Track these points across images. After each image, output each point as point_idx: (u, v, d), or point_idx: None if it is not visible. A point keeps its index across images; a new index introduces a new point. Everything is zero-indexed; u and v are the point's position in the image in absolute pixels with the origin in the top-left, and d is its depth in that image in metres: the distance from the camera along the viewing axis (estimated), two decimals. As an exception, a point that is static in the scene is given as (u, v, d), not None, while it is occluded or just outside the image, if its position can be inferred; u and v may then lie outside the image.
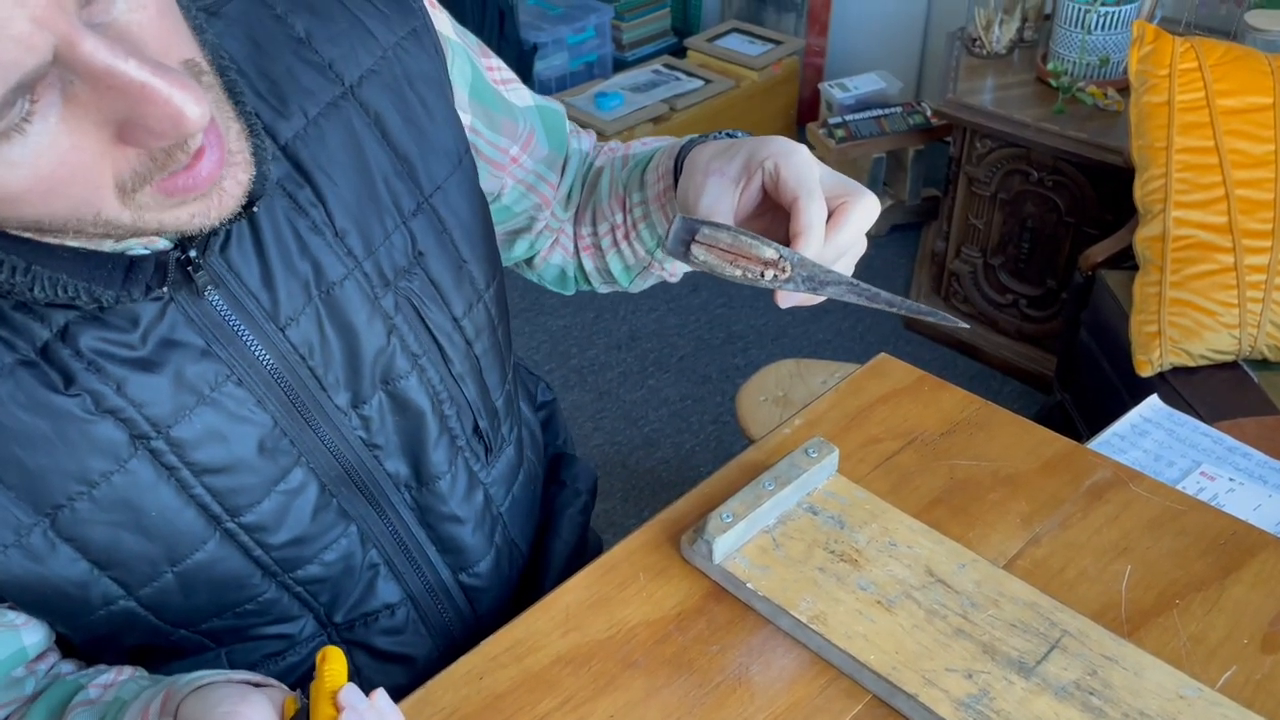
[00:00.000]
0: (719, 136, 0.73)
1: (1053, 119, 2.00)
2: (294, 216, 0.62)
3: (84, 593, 0.61)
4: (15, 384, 0.55)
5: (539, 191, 0.83)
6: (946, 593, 0.70)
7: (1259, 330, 1.50)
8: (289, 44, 0.63)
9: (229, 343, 0.61)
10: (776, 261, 0.60)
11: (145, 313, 0.58)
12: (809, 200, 0.61)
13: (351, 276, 0.64)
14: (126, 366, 0.57)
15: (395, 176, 0.66)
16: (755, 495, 0.74)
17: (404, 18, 0.67)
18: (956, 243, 2.29)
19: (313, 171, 0.63)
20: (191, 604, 0.66)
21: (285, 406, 0.64)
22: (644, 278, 0.86)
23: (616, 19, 3.21)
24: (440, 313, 0.70)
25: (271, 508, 0.65)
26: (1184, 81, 1.57)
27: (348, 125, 0.64)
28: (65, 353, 0.56)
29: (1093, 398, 1.85)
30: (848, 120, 2.57)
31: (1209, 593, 0.72)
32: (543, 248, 0.88)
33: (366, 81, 0.65)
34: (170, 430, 0.59)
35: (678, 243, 0.62)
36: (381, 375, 0.68)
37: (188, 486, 0.61)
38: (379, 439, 0.69)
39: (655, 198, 0.77)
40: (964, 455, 0.84)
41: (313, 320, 0.63)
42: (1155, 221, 1.57)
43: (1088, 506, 0.79)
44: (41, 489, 0.57)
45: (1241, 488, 1.02)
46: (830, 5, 2.96)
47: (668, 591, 0.73)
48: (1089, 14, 2.00)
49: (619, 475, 2.12)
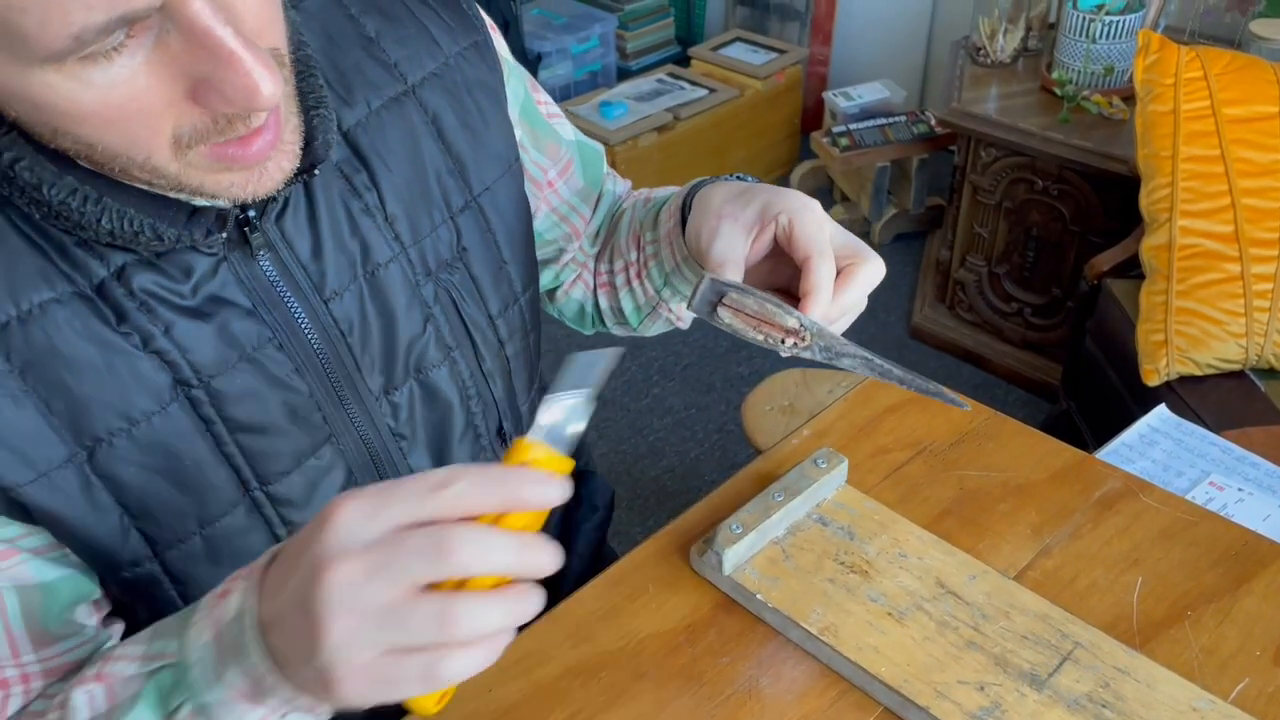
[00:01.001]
0: (729, 179, 0.75)
1: (1057, 128, 2.00)
2: (348, 198, 0.66)
3: (114, 545, 0.62)
4: (71, 313, 0.58)
5: (570, 222, 0.85)
6: (957, 604, 0.70)
7: (1266, 339, 1.50)
8: (359, 41, 0.68)
9: (274, 307, 0.63)
10: (798, 331, 0.62)
11: (199, 266, 0.60)
12: (820, 260, 0.63)
13: (396, 261, 0.68)
14: (176, 312, 0.60)
15: (447, 173, 0.70)
16: (765, 506, 0.74)
17: (467, 31, 0.72)
18: (961, 251, 2.29)
19: (370, 157, 0.67)
20: (213, 583, 0.65)
21: (321, 379, 0.66)
22: (653, 319, 0.87)
23: (620, 28, 3.22)
24: (477, 308, 0.73)
25: (299, 482, 0.67)
26: (1189, 90, 1.57)
27: (407, 120, 0.68)
28: (119, 291, 0.58)
29: (1098, 406, 1.85)
30: (852, 129, 2.57)
31: (1221, 604, 0.72)
32: (566, 280, 0.89)
33: (428, 83, 0.69)
34: (211, 381, 0.62)
35: (704, 304, 0.63)
36: (415, 363, 0.70)
37: (222, 442, 0.63)
38: (406, 429, 0.71)
39: (665, 235, 0.79)
40: (973, 465, 0.83)
41: (355, 298, 0.66)
42: (1161, 230, 1.56)
43: (1098, 517, 0.79)
44: (84, 420, 0.58)
45: (1251, 497, 1.01)
46: (834, 14, 2.97)
47: (677, 603, 0.73)
48: (1094, 23, 2.00)
49: (624, 484, 2.11)
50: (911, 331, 2.45)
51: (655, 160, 2.65)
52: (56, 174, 0.53)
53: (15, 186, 0.54)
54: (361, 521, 0.44)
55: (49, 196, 0.54)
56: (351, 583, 0.43)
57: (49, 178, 0.53)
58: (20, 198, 0.55)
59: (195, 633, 0.51)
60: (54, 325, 0.57)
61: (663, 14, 3.29)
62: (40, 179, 0.53)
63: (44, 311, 0.57)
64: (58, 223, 0.56)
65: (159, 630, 0.56)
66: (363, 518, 0.44)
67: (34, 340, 0.57)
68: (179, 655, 0.52)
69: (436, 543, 0.44)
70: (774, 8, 3.10)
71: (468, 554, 0.44)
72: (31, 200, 0.55)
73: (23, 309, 0.57)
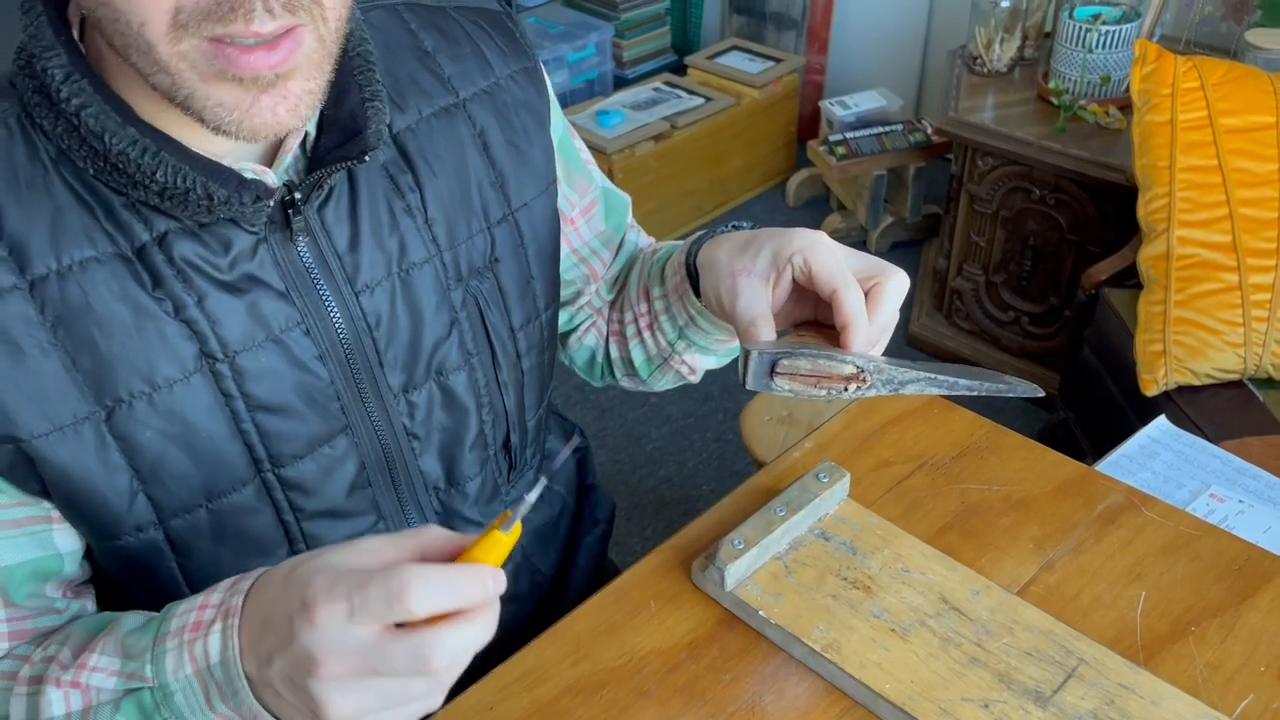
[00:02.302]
0: (726, 229, 0.75)
1: (1054, 137, 2.00)
2: (392, 196, 0.68)
3: (120, 507, 0.63)
4: (110, 272, 0.59)
5: (590, 265, 0.86)
6: (961, 620, 0.70)
7: (1264, 349, 1.50)
8: (416, 53, 0.71)
9: (306, 293, 0.65)
10: (857, 374, 0.62)
11: (238, 243, 0.62)
12: (848, 291, 0.64)
13: (431, 262, 0.70)
14: (210, 284, 0.62)
15: (489, 185, 0.73)
16: (767, 521, 0.74)
17: (518, 57, 0.75)
18: (958, 260, 2.29)
19: (416, 160, 0.69)
20: (216, 564, 0.67)
21: (343, 369, 0.67)
22: (663, 371, 0.87)
23: (617, 37, 3.22)
24: (500, 319, 0.75)
25: (312, 469, 0.68)
26: (1186, 100, 1.57)
27: (455, 131, 0.71)
28: (159, 257, 0.60)
29: (1096, 416, 1.85)
30: (848, 137, 2.57)
31: (1225, 619, 0.72)
32: (581, 324, 0.90)
33: (478, 99, 0.72)
34: (236, 357, 0.63)
35: (759, 379, 0.63)
36: (437, 365, 0.71)
37: (239, 418, 0.64)
38: (421, 430, 0.72)
39: (673, 290, 0.80)
40: (975, 479, 0.83)
41: (387, 294, 0.68)
42: (1159, 240, 1.56)
43: (1100, 531, 0.78)
44: (108, 379, 0.60)
45: (1251, 509, 1.01)
46: (830, 23, 2.97)
47: (679, 619, 0.73)
48: (1090, 33, 2.00)
49: (621, 494, 2.11)
50: (909, 340, 2.45)
51: (652, 169, 2.64)
52: (119, 124, 0.56)
53: (77, 137, 0.56)
54: (343, 625, 0.47)
55: (109, 145, 0.56)
56: (344, 679, 0.48)
57: (112, 126, 0.55)
58: (80, 149, 0.57)
59: (172, 662, 0.54)
60: (91, 283, 0.59)
61: (659, 22, 3.29)
62: (104, 127, 0.55)
63: (83, 269, 0.59)
64: (111, 178, 0.58)
65: (128, 648, 0.57)
66: (344, 620, 0.47)
67: (70, 295, 0.58)
68: (157, 680, 0.55)
69: (419, 656, 0.47)
70: (770, 16, 3.11)
71: (443, 658, 0.48)
72: (90, 151, 0.57)
73: (63, 264, 0.58)
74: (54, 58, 0.56)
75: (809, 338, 0.67)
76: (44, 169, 0.58)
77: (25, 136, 0.58)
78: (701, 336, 0.80)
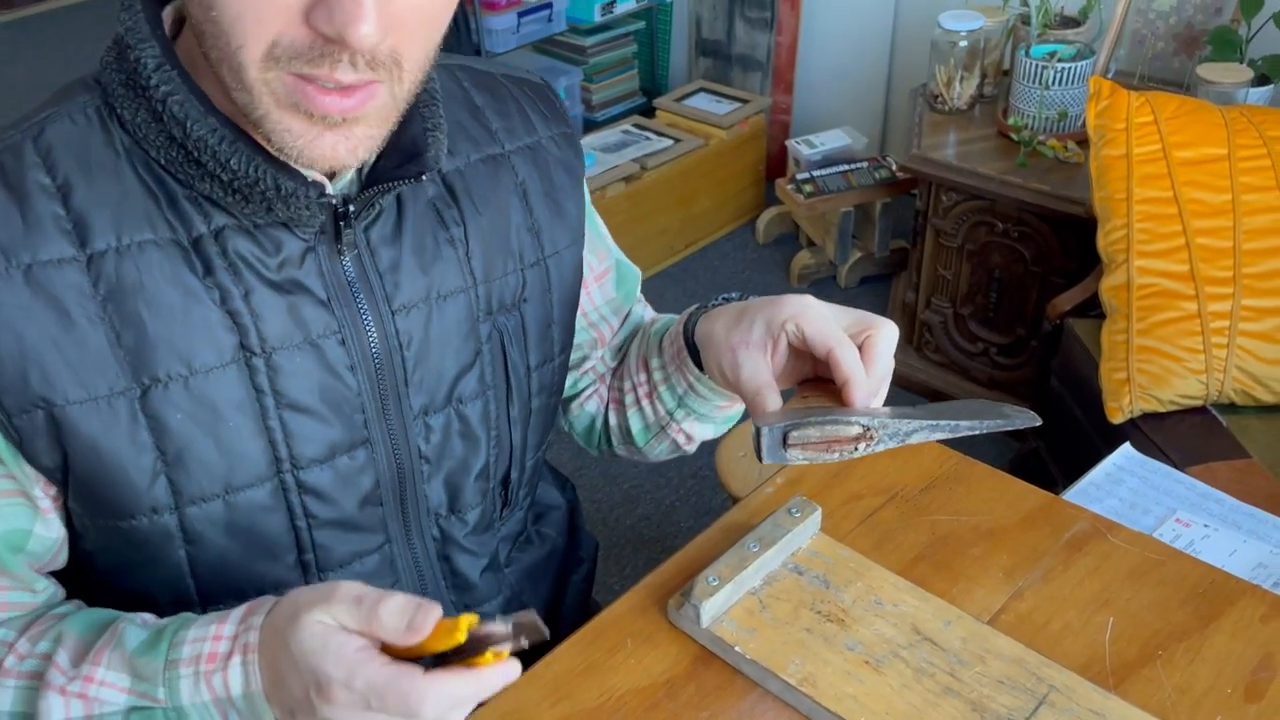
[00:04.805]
0: (717, 302, 0.79)
1: (1015, 172, 2.05)
2: (436, 228, 0.72)
3: (141, 485, 0.65)
4: (165, 256, 0.63)
5: (599, 330, 0.89)
6: (934, 651, 0.71)
7: (1225, 375, 1.53)
8: (467, 106, 0.76)
9: (346, 305, 0.69)
10: (864, 434, 0.64)
11: (288, 247, 0.66)
12: (843, 350, 0.67)
13: (466, 293, 0.74)
14: (258, 279, 0.65)
15: (526, 231, 0.77)
16: (740, 557, 0.75)
17: (559, 123, 0.81)
18: (926, 293, 2.33)
19: (461, 198, 0.74)
20: (223, 558, 0.69)
21: (372, 382, 0.71)
22: (660, 439, 0.89)
23: (586, 80, 3.26)
24: (520, 356, 0.78)
25: (329, 476, 0.70)
26: (1140, 135, 1.61)
27: (499, 177, 0.76)
28: (213, 249, 0.64)
29: (1066, 443, 1.87)
30: (815, 175, 2.61)
31: (1191, 642, 0.73)
32: (584, 389, 0.92)
33: (521, 153, 0.78)
34: (273, 354, 0.66)
35: (774, 452, 0.65)
36: (457, 393, 0.75)
37: (267, 414, 0.67)
38: (432, 454, 0.75)
39: (671, 359, 0.83)
40: (944, 510, 0.84)
41: (421, 317, 0.72)
42: (1119, 271, 1.60)
43: (1068, 559, 0.80)
44: (149, 358, 0.63)
45: (1216, 533, 1.03)
46: (794, 64, 3.03)
47: (656, 657, 0.73)
48: (1046, 70, 2.05)
49: (599, 532, 2.11)
50: (880, 373, 2.47)
51: (624, 209, 2.67)
52: (202, 113, 0.60)
53: (157, 125, 0.61)
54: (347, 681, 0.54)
55: (190, 131, 0.60)
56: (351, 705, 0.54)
57: (195, 115, 0.60)
58: (157, 137, 0.62)
59: (188, 689, 0.59)
60: (146, 263, 0.63)
61: (627, 66, 3.34)
62: (187, 114, 0.60)
63: (141, 249, 0.63)
64: (180, 169, 0.62)
65: (137, 669, 0.61)
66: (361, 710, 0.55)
67: (125, 273, 0.62)
68: (170, 702, 0.60)
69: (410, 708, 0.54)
70: (736, 58, 3.16)
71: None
72: (167, 139, 0.61)
73: (123, 242, 0.62)
74: (148, 49, 0.61)
75: (812, 397, 0.69)
76: (115, 155, 0.63)
77: (103, 125, 0.63)
78: (701, 404, 0.84)
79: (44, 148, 0.62)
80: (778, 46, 3.02)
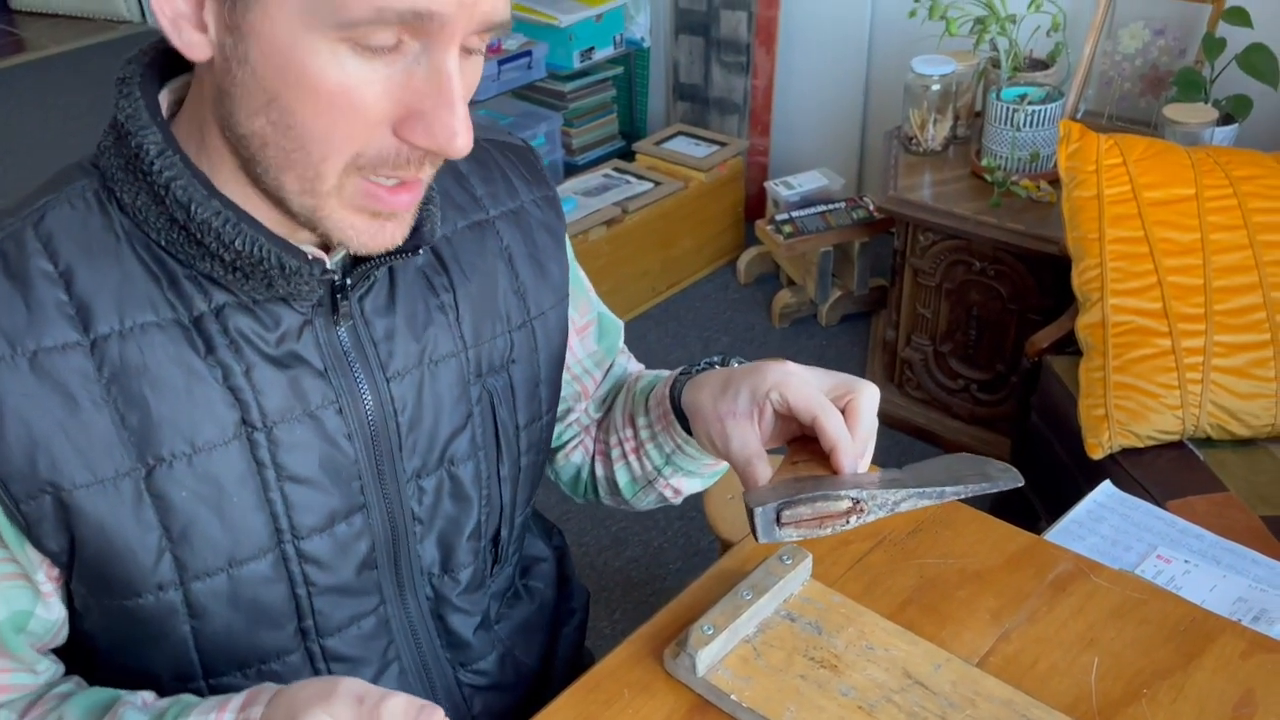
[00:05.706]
0: (700, 366, 0.82)
1: (990, 211, 2.09)
2: (427, 295, 0.74)
3: (147, 563, 0.66)
4: (167, 337, 0.65)
5: (582, 382, 0.90)
6: (925, 694, 0.72)
7: (1200, 410, 1.56)
8: (452, 174, 0.78)
9: (343, 374, 0.70)
10: (855, 507, 0.66)
11: (286, 321, 0.68)
12: (827, 416, 0.69)
13: (457, 358, 0.76)
14: (258, 355, 0.67)
15: (512, 294, 0.79)
16: (734, 605, 0.76)
17: (541, 186, 0.83)
18: (906, 331, 2.36)
19: (450, 265, 0.76)
20: (228, 631, 0.70)
21: (368, 449, 0.72)
22: (648, 493, 0.91)
23: (566, 125, 3.30)
24: (509, 416, 0.80)
25: (328, 544, 0.72)
26: (1110, 176, 1.66)
27: (485, 243, 0.78)
28: (214, 326, 0.66)
29: (1047, 478, 1.89)
30: (794, 216, 2.65)
31: (1174, 680, 0.75)
32: (569, 440, 0.93)
33: (505, 217, 0.80)
34: (274, 428, 0.68)
35: (769, 532, 0.67)
36: (449, 455, 0.76)
37: (268, 487, 0.68)
38: (425, 515, 0.76)
39: (658, 420, 0.85)
40: (931, 553, 0.86)
41: (415, 382, 0.73)
42: (1094, 309, 1.63)
43: (1053, 599, 0.82)
44: (153, 438, 0.64)
45: (1197, 569, 1.05)
46: (771, 106, 3.08)
47: (653, 708, 0.74)
48: (1017, 112, 2.10)
49: (588, 576, 2.11)
50: (863, 411, 2.49)
51: (605, 252, 2.70)
52: (206, 196, 0.62)
53: (158, 208, 0.62)
54: None
55: (193, 214, 0.62)
56: None
57: (199, 198, 0.62)
58: (158, 220, 0.63)
59: None
60: (149, 345, 0.64)
61: (606, 110, 3.38)
62: (191, 198, 0.62)
63: (143, 331, 0.64)
64: (180, 250, 0.64)
65: None
66: None
67: (128, 355, 0.63)
68: None
69: None
70: (713, 102, 3.21)
71: None
72: (168, 222, 0.63)
73: (125, 325, 0.64)
74: (149, 135, 0.62)
75: (801, 464, 0.71)
76: (116, 239, 0.64)
77: (102, 209, 0.64)
78: (689, 462, 0.86)
79: (45, 234, 0.63)
80: (754, 90, 3.07)
